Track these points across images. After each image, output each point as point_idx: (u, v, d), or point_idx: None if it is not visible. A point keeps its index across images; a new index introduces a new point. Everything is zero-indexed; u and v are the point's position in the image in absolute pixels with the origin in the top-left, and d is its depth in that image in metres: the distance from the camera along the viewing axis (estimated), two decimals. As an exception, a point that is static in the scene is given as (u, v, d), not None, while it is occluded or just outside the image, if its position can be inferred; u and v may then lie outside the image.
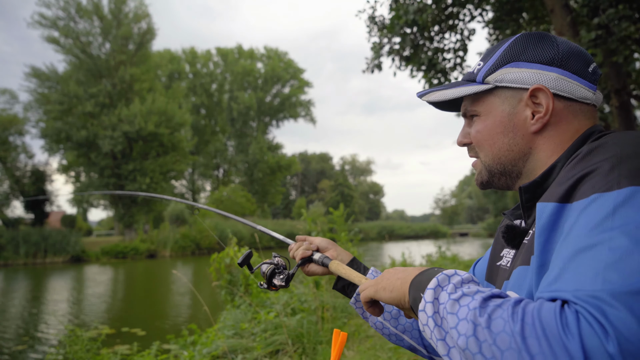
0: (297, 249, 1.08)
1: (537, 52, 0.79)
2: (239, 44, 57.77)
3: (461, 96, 0.84)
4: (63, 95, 33.03)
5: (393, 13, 8.37)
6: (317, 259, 1.04)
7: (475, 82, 0.84)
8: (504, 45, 0.83)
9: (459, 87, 0.84)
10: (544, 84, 0.76)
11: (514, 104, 0.80)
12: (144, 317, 11.01)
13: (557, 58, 0.78)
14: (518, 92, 0.79)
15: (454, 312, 0.57)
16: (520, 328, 0.50)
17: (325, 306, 5.28)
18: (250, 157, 52.23)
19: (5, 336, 9.34)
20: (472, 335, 0.53)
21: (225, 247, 6.40)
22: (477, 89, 0.82)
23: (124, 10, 35.53)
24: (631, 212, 0.55)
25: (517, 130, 0.80)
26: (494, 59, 0.82)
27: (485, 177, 0.87)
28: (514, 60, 0.80)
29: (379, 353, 4.36)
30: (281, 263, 1.06)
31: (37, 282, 19.92)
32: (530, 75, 0.78)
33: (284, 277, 1.03)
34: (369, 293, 0.78)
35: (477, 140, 0.85)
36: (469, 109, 0.86)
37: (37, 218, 34.60)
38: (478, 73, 0.84)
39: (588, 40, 5.84)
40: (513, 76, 0.79)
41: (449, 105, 0.93)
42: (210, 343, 4.60)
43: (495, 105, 0.82)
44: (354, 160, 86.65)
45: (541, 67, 0.78)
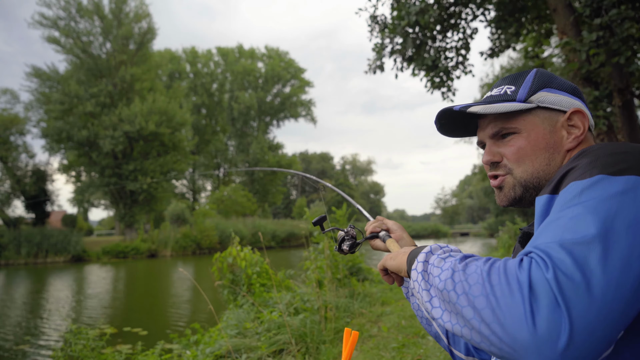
0: (370, 225, 1.20)
1: (563, 83, 0.93)
2: (240, 44, 57.79)
3: (505, 112, 0.91)
4: (64, 95, 33.03)
5: (395, 13, 8.36)
6: (381, 235, 1.15)
7: (515, 102, 0.92)
8: (532, 73, 0.94)
9: (503, 103, 0.91)
10: (580, 108, 0.90)
11: (553, 124, 0.91)
12: (145, 317, 11.01)
13: (577, 91, 0.93)
14: (556, 113, 0.91)
15: (439, 266, 0.72)
16: (488, 268, 0.65)
17: (328, 306, 5.28)
18: (251, 157, 52.28)
19: (6, 335, 9.34)
20: (449, 277, 0.68)
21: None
22: (523, 106, 0.90)
23: (124, 10, 35.54)
24: (593, 192, 0.68)
25: (556, 147, 0.90)
26: (529, 82, 0.93)
27: (519, 192, 0.93)
28: (547, 86, 0.92)
29: (383, 352, 4.36)
30: (352, 233, 1.20)
31: (38, 281, 19.94)
32: (566, 100, 0.91)
33: (351, 244, 1.17)
34: (380, 262, 0.94)
35: (518, 157, 0.91)
36: (503, 127, 0.93)
37: (38, 218, 34.62)
38: (516, 94, 0.93)
39: (590, 41, 5.83)
40: (553, 99, 0.91)
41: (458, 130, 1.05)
42: (214, 342, 4.60)
43: (536, 123, 0.91)
44: (355, 159, 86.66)
45: (569, 95, 0.92)
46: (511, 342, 0.60)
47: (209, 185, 58.48)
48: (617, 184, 0.68)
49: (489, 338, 0.62)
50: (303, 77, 58.74)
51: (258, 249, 6.79)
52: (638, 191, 0.66)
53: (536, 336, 0.58)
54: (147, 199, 35.91)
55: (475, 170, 62.63)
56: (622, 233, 0.63)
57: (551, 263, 0.61)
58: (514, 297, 0.61)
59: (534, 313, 0.59)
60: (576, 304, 0.58)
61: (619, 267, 0.61)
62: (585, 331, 0.58)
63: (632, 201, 0.65)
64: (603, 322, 0.58)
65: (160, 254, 32.97)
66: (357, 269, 8.49)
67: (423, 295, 0.73)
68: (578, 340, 0.58)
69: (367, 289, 7.43)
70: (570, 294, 0.59)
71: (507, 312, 0.60)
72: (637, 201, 0.66)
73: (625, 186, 0.67)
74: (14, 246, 29.29)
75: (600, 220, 0.64)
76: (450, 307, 0.67)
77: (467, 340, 0.66)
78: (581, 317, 0.58)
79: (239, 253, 6.23)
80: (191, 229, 35.27)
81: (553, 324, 0.58)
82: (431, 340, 4.71)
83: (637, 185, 0.67)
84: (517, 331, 0.59)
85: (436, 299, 0.70)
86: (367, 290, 7.33)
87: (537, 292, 0.60)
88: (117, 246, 32.18)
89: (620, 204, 0.65)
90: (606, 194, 0.67)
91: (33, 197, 34.08)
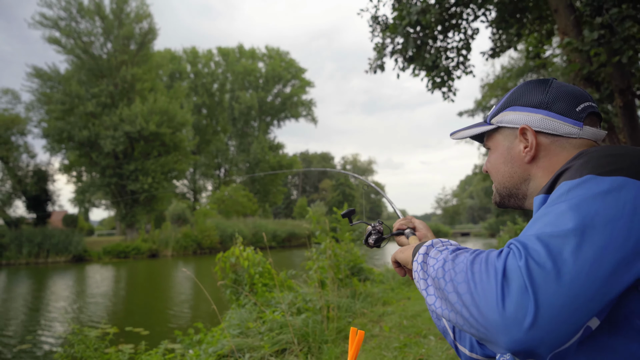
0: (398, 222, 1.26)
1: (529, 98, 0.97)
2: (240, 44, 57.78)
3: (472, 135, 1.07)
4: (65, 95, 33.05)
5: (396, 13, 8.37)
6: (406, 232, 1.21)
7: (485, 124, 1.06)
8: (511, 91, 1.03)
9: (475, 128, 1.07)
10: (529, 124, 0.95)
11: (512, 140, 1.00)
12: (147, 317, 11.03)
13: (544, 102, 0.95)
14: (514, 130, 0.99)
15: (435, 257, 0.79)
16: (473, 258, 0.72)
17: (330, 305, 5.29)
18: (251, 157, 52.26)
19: (8, 336, 9.37)
20: (441, 267, 0.75)
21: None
22: (485, 129, 1.05)
23: (125, 10, 35.54)
24: (579, 190, 0.71)
25: (515, 161, 0.99)
26: (500, 103, 1.03)
27: (498, 198, 1.07)
28: (512, 104, 0.99)
29: (385, 352, 4.37)
30: (378, 228, 1.25)
31: (39, 281, 19.96)
32: (521, 117, 0.97)
33: (377, 238, 1.23)
34: (393, 255, 1.03)
35: (488, 169, 1.07)
36: (484, 143, 1.09)
37: (39, 218, 34.65)
38: (489, 116, 1.06)
39: (591, 40, 5.84)
40: (509, 118, 0.99)
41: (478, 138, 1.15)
42: (216, 342, 4.61)
43: (499, 141, 1.03)
44: (355, 159, 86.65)
45: (530, 109, 0.96)
46: (485, 322, 0.66)
47: (209, 186, 58.54)
48: (604, 183, 0.70)
49: (469, 320, 0.68)
50: (304, 77, 58.72)
51: (260, 249, 6.81)
52: (623, 191, 0.69)
53: (505, 317, 0.64)
54: (148, 199, 35.93)
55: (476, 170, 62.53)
56: (599, 228, 0.66)
57: (525, 252, 0.67)
58: (489, 282, 0.66)
59: (505, 296, 0.64)
60: (544, 290, 0.63)
61: (590, 259, 0.64)
62: (550, 314, 0.62)
63: (615, 200, 0.68)
64: (569, 308, 0.62)
65: (161, 254, 32.99)
66: (359, 269, 8.51)
67: (420, 284, 0.79)
68: (542, 321, 0.62)
69: (368, 289, 7.44)
70: (540, 280, 0.63)
71: (482, 296, 0.66)
72: (620, 200, 0.68)
73: (611, 186, 0.70)
74: (15, 246, 29.31)
75: (580, 216, 0.68)
76: (440, 294, 0.74)
77: (453, 323, 0.72)
78: (547, 301, 0.62)
79: (241, 253, 6.25)
80: (192, 229, 35.28)
81: (520, 306, 0.63)
82: (433, 339, 4.72)
83: (623, 185, 0.69)
84: (489, 313, 0.65)
85: (431, 287, 0.76)
86: (368, 290, 7.34)
87: (509, 278, 0.65)
88: (118, 246, 32.19)
89: (603, 202, 0.68)
90: (591, 192, 0.70)
91: (34, 197, 34.12)
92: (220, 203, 42.64)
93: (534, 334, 0.63)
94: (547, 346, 0.63)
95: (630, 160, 0.74)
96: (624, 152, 0.76)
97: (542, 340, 0.63)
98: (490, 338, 0.66)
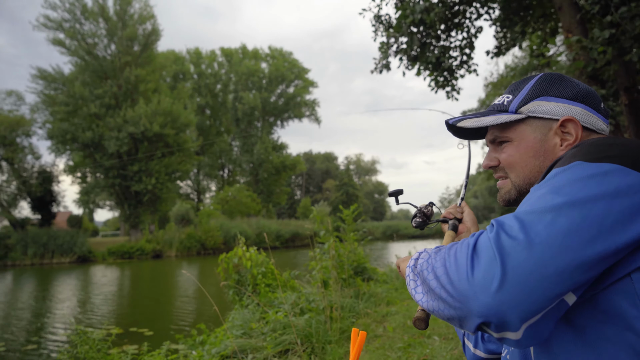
0: (448, 209, 1.24)
1: (562, 89, 0.93)
2: (243, 44, 57.85)
3: (496, 124, 0.97)
4: (69, 97, 33.22)
5: (399, 12, 8.34)
6: (450, 222, 1.17)
7: (507, 112, 0.96)
8: (532, 81, 0.96)
9: (493, 116, 0.97)
10: (573, 115, 0.90)
11: (544, 132, 0.93)
12: (151, 317, 11.05)
13: (580, 95, 0.92)
14: (548, 122, 0.93)
15: (424, 259, 0.77)
16: (452, 245, 0.73)
17: (334, 306, 5.27)
18: (255, 157, 52.29)
19: (14, 336, 9.40)
20: (425, 261, 0.76)
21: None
22: (512, 117, 0.94)
23: (129, 11, 35.69)
24: (565, 174, 0.72)
25: (547, 154, 0.93)
26: (524, 92, 0.95)
27: (514, 195, 0.99)
28: (543, 94, 0.93)
29: (388, 352, 4.35)
30: (425, 211, 1.21)
31: (44, 282, 20.05)
32: (560, 108, 0.91)
33: (420, 222, 1.20)
34: (397, 261, 0.99)
35: (509, 163, 0.97)
36: (498, 135, 0.99)
37: (44, 219, 34.82)
38: (509, 104, 0.97)
39: (602, 39, 5.77)
40: (544, 108, 0.92)
41: (470, 133, 1.08)
42: (219, 343, 4.60)
43: (527, 132, 0.94)
44: (359, 159, 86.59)
45: (567, 102, 0.92)
46: (458, 295, 0.66)
47: (213, 186, 58.66)
48: (590, 168, 0.70)
49: (447, 300, 0.68)
50: (307, 78, 58.72)
51: (263, 249, 6.80)
52: (608, 176, 0.68)
53: (473, 284, 0.64)
54: (151, 200, 36.03)
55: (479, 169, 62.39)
56: (577, 206, 0.66)
57: (498, 227, 0.67)
58: (462, 258, 0.68)
59: (474, 267, 0.65)
60: (512, 257, 0.63)
61: (565, 230, 0.64)
62: (517, 279, 0.62)
63: (598, 183, 0.68)
64: (538, 274, 0.62)
65: (165, 254, 33.07)
66: (362, 268, 8.48)
67: (410, 285, 0.78)
68: (509, 285, 0.62)
69: (372, 289, 7.41)
70: (509, 249, 0.64)
71: (455, 272, 0.67)
72: (603, 183, 0.68)
73: (596, 170, 0.69)
74: (20, 247, 29.48)
75: (560, 196, 0.68)
76: (425, 287, 0.73)
77: (439, 316, 0.72)
78: (514, 266, 0.62)
79: (244, 253, 6.24)
80: (196, 229, 35.36)
81: (487, 273, 0.63)
82: (437, 340, 4.69)
83: (610, 171, 0.69)
84: (460, 284, 0.66)
85: (419, 284, 0.76)
86: (372, 290, 7.31)
87: (479, 250, 0.67)
88: (122, 247, 32.31)
89: (585, 184, 0.68)
90: (575, 176, 0.70)
91: (39, 199, 34.29)
92: (224, 203, 42.70)
93: (501, 297, 0.62)
94: (516, 312, 0.62)
95: (621, 149, 0.73)
96: (616, 142, 0.76)
97: (510, 304, 0.62)
98: (465, 311, 0.66)
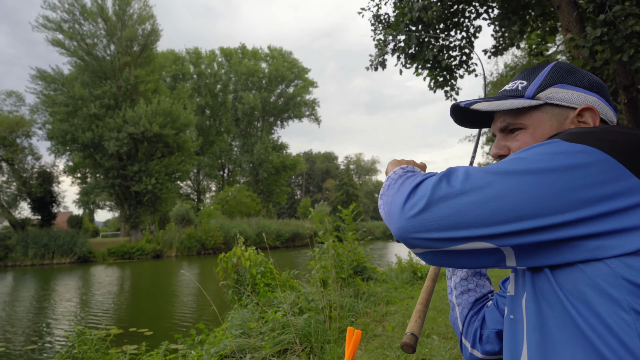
0: None
1: (579, 78, 0.91)
2: (243, 44, 57.86)
3: (511, 109, 0.92)
4: (68, 97, 33.19)
5: (397, 11, 8.33)
6: None
7: (523, 98, 0.93)
8: (547, 68, 0.94)
9: (509, 100, 0.93)
10: (591, 104, 0.88)
11: (561, 120, 0.90)
12: (150, 317, 11.06)
13: (595, 85, 0.90)
14: (565, 110, 0.90)
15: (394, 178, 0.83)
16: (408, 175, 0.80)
17: (333, 305, 5.27)
18: (255, 157, 52.29)
19: (15, 336, 9.41)
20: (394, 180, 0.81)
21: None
22: (530, 103, 0.91)
23: (128, 12, 35.66)
24: (537, 148, 0.70)
25: None
26: (541, 78, 0.93)
27: None
28: (560, 82, 0.91)
29: (387, 352, 4.35)
30: None
31: (45, 283, 20.06)
32: (578, 96, 0.89)
33: None
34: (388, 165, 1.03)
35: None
36: (511, 122, 0.94)
37: (44, 219, 34.83)
38: (525, 90, 0.93)
39: (594, 37, 5.78)
40: (562, 95, 0.90)
41: (475, 120, 1.06)
42: (218, 342, 4.60)
43: (543, 119, 0.91)
44: (359, 159, 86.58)
45: (584, 91, 0.90)
46: (390, 215, 0.74)
47: (213, 186, 58.65)
48: (563, 145, 0.69)
49: (384, 215, 0.79)
50: (307, 77, 58.71)
51: (262, 249, 6.80)
52: (578, 156, 0.66)
53: (402, 211, 0.70)
54: (151, 200, 36.03)
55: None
56: (530, 174, 0.65)
57: (444, 174, 0.70)
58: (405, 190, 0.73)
59: (407, 200, 0.71)
60: (440, 193, 0.67)
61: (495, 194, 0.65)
62: (436, 211, 0.67)
63: (565, 158, 0.66)
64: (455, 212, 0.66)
65: (165, 254, 33.07)
66: (362, 268, 8.48)
67: (384, 187, 0.85)
68: (427, 214, 0.67)
69: (371, 288, 7.41)
70: (440, 195, 0.68)
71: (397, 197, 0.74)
72: (570, 159, 0.66)
73: (569, 149, 0.68)
74: (21, 248, 29.48)
75: (518, 164, 0.67)
76: (381, 201, 0.82)
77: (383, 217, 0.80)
78: (437, 199, 0.67)
79: (243, 253, 6.24)
80: (196, 229, 35.36)
81: (413, 206, 0.69)
82: (436, 339, 4.69)
83: (582, 151, 0.67)
84: (394, 208, 0.73)
85: (384, 194, 0.82)
86: (371, 289, 7.31)
87: (419, 189, 0.71)
88: (122, 247, 32.31)
89: (551, 157, 0.67)
90: (546, 150, 0.69)
91: (39, 199, 34.29)
92: (224, 203, 42.71)
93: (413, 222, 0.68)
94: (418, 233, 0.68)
95: (602, 135, 0.71)
96: (601, 129, 0.74)
97: (415, 227, 0.68)
98: (390, 226, 0.74)
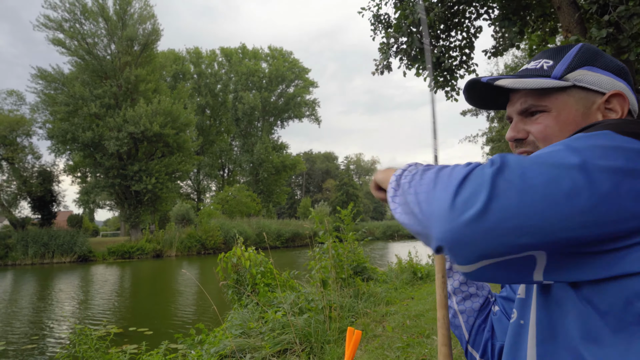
0: None
1: (608, 62, 0.85)
2: (243, 44, 57.89)
3: (537, 88, 0.85)
4: (69, 97, 33.20)
5: (399, 12, 8.33)
6: None
7: (549, 78, 0.85)
8: (575, 48, 0.87)
9: (536, 79, 0.85)
10: (621, 90, 0.82)
11: (588, 105, 0.83)
12: (151, 317, 11.06)
13: (623, 71, 0.85)
14: (593, 94, 0.83)
15: (411, 172, 0.72)
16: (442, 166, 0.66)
17: (333, 305, 5.27)
18: (255, 157, 52.30)
19: (15, 335, 9.41)
20: (412, 174, 0.70)
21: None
22: (558, 84, 0.83)
23: (129, 11, 35.68)
24: (588, 139, 0.62)
25: None
26: (569, 58, 0.86)
27: None
28: (589, 64, 0.84)
29: (387, 352, 4.35)
30: None
31: (45, 282, 20.07)
32: (607, 80, 0.83)
33: None
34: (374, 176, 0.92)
35: (544, 136, 0.85)
36: (533, 104, 0.86)
37: (44, 218, 34.84)
38: (552, 70, 0.86)
39: (599, 38, 5.77)
40: (592, 78, 0.83)
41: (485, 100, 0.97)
42: (218, 342, 4.60)
43: (569, 103, 0.84)
44: (359, 159, 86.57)
45: (613, 76, 0.84)
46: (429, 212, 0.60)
47: (213, 186, 58.66)
48: (619, 139, 0.62)
49: (417, 216, 0.63)
50: (307, 77, 58.72)
51: (263, 249, 6.80)
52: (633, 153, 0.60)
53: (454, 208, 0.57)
54: (152, 200, 36.03)
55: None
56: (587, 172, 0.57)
57: (500, 165, 0.59)
58: (452, 181, 0.60)
59: (458, 193, 0.58)
60: (502, 198, 0.55)
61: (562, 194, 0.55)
62: (496, 218, 0.55)
63: (619, 157, 0.59)
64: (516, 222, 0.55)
65: (165, 254, 33.08)
66: (362, 268, 8.48)
67: (389, 193, 0.74)
68: (487, 221, 0.55)
69: (371, 288, 7.41)
70: (502, 190, 0.56)
71: (438, 192, 0.60)
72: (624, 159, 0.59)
73: (623, 144, 0.61)
74: (21, 247, 29.51)
75: (576, 156, 0.59)
76: (402, 200, 0.69)
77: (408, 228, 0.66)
78: (499, 208, 0.55)
79: (243, 253, 6.24)
80: (196, 229, 35.36)
81: (469, 202, 0.56)
82: (436, 340, 4.69)
83: (637, 149, 0.61)
84: (437, 203, 0.59)
85: (398, 197, 0.71)
86: (371, 290, 7.31)
87: (471, 179, 0.58)
88: (122, 246, 32.32)
89: (606, 153, 0.59)
90: (599, 142, 0.62)
91: (39, 198, 34.30)
92: (224, 203, 42.71)
93: (474, 229, 0.55)
94: (480, 247, 0.56)
95: None
96: None
97: (477, 238, 0.55)
98: (428, 228, 0.60)
